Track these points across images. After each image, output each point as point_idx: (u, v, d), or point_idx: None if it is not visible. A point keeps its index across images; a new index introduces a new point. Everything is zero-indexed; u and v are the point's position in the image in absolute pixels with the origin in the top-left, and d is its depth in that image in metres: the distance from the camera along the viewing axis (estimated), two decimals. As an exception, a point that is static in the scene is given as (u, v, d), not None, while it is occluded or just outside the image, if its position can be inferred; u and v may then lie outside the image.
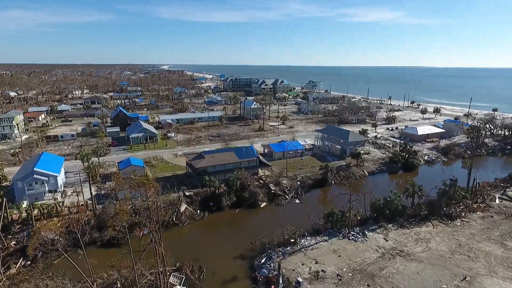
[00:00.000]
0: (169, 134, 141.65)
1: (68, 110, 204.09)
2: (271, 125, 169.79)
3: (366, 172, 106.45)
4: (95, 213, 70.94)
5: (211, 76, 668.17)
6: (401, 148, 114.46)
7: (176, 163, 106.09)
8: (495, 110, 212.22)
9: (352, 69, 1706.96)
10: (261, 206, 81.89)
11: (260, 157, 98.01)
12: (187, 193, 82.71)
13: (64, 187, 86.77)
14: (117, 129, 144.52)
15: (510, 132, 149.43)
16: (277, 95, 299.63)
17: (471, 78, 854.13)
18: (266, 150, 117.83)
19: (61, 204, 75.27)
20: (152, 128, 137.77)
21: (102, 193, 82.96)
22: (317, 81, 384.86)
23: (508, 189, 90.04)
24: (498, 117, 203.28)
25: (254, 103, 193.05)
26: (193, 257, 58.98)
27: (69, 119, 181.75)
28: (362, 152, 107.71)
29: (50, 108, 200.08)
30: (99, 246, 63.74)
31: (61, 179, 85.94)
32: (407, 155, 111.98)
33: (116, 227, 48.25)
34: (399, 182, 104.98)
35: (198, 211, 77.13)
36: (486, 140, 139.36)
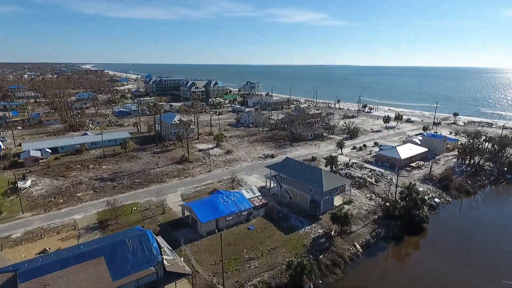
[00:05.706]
0: (20, 183, 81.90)
1: None
2: (201, 150, 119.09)
3: (358, 247, 62.73)
4: None
5: (136, 77, 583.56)
6: (402, 194, 73.21)
7: (-14, 275, 49.58)
8: (456, 114, 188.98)
9: (287, 68, 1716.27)
10: None
11: (166, 261, 46.85)
12: None
13: None
14: None
15: (497, 148, 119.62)
16: (210, 100, 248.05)
17: (386, 76, 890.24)
18: (186, 213, 67.44)
19: None
20: (-17, 177, 77.27)
21: None
22: (256, 82, 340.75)
23: None
24: (458, 122, 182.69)
25: (177, 116, 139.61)
26: None
27: None
28: (349, 213, 63.57)
29: None
30: None
31: None
32: (409, 205, 71.60)
33: None
34: (415, 266, 63.07)
35: None
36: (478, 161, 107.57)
